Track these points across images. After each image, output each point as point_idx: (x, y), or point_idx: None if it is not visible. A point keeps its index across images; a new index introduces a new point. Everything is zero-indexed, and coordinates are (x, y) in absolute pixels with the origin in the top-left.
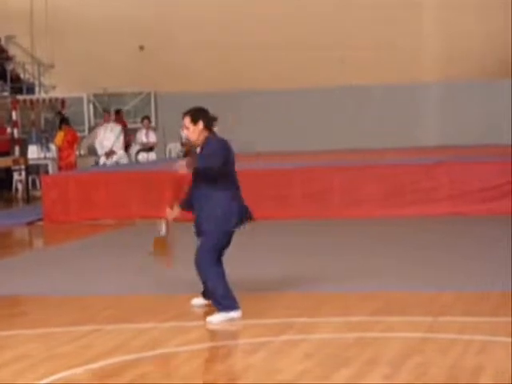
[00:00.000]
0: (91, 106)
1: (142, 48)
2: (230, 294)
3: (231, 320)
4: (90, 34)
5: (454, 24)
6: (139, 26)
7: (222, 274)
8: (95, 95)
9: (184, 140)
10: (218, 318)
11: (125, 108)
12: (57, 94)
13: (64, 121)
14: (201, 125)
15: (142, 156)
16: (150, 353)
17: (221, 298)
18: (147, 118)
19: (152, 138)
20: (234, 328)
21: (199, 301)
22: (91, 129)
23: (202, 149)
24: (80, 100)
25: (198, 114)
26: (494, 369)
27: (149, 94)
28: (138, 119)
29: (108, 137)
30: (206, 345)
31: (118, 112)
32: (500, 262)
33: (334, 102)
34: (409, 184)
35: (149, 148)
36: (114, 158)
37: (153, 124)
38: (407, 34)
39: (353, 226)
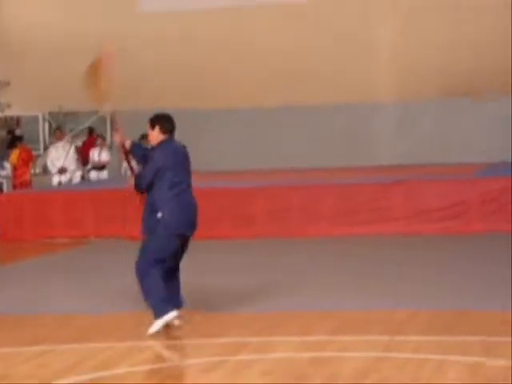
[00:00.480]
0: (46, 125)
1: None
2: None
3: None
4: (47, 52)
5: (410, 44)
6: (96, 44)
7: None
8: (50, 113)
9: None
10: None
11: (80, 127)
12: (12, 112)
13: (18, 139)
14: (157, 130)
15: (94, 174)
16: (105, 373)
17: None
18: (101, 136)
19: (104, 156)
20: (189, 348)
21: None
22: (46, 147)
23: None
24: (35, 118)
25: (154, 120)
26: None
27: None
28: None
29: (59, 156)
30: (161, 365)
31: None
32: (455, 281)
33: (293, 121)
34: (366, 202)
35: (101, 166)
36: (67, 175)
37: (108, 142)
38: (363, 52)
39: (311, 245)
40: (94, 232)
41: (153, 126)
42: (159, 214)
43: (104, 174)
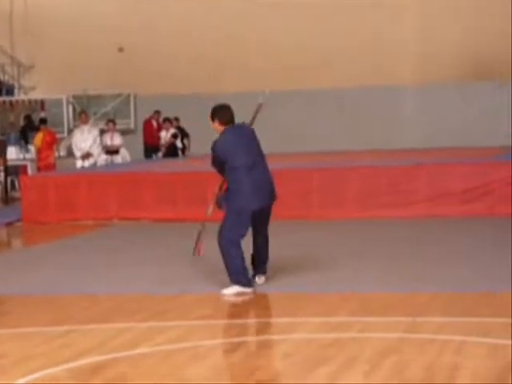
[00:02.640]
0: (70, 108)
1: (121, 50)
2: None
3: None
4: (70, 36)
5: (431, 28)
6: (119, 27)
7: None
8: (74, 97)
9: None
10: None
11: (103, 110)
12: (36, 95)
13: (42, 122)
14: (216, 122)
15: (106, 158)
16: (128, 352)
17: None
18: (112, 120)
19: (117, 140)
20: (213, 328)
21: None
22: (70, 130)
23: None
24: (59, 101)
25: (213, 113)
26: (471, 368)
27: (128, 96)
28: (118, 121)
29: (85, 139)
30: (185, 344)
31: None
32: (477, 264)
33: (313, 105)
34: (387, 186)
35: (114, 151)
36: (91, 160)
37: (132, 126)
38: (385, 37)
39: (332, 227)
40: (117, 215)
41: (213, 119)
42: (229, 195)
43: (117, 159)
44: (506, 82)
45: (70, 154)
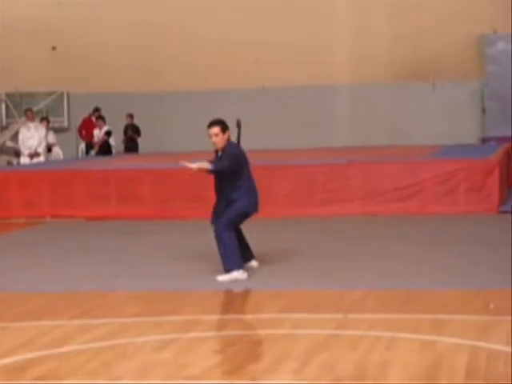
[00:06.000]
0: (3, 106)
1: (54, 48)
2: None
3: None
4: (4, 33)
5: (365, 26)
6: (53, 25)
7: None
8: (7, 94)
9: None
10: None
11: (36, 108)
12: None
13: None
14: (227, 134)
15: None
16: (57, 350)
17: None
18: (46, 118)
19: (51, 138)
20: (143, 325)
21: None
22: (3, 128)
23: (223, 152)
24: None
25: (225, 125)
26: (402, 364)
27: (61, 94)
28: (51, 119)
29: (31, 136)
30: (114, 342)
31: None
32: (408, 260)
33: (246, 103)
34: (321, 184)
35: (47, 149)
36: (41, 158)
37: (65, 124)
38: (319, 34)
39: (265, 225)
40: (49, 212)
41: (224, 131)
42: (239, 197)
43: (50, 157)
44: (440, 82)
45: (3, 151)
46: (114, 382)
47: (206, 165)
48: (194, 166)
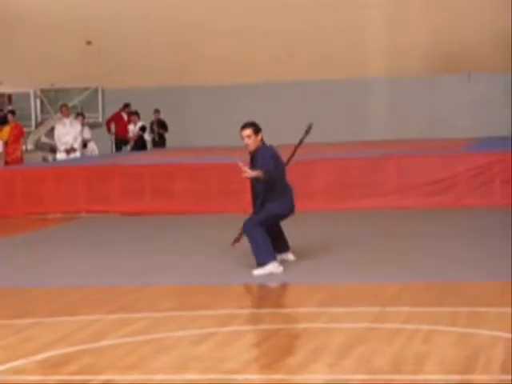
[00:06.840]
0: (38, 101)
1: (89, 43)
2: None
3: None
4: (38, 29)
5: (400, 19)
6: (87, 21)
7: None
8: (42, 90)
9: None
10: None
11: (71, 104)
12: (3, 89)
13: (11, 112)
14: (260, 136)
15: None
16: (94, 345)
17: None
18: (81, 114)
19: (86, 134)
20: (180, 319)
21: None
22: (38, 124)
23: (255, 154)
24: (26, 95)
25: (258, 127)
26: (438, 357)
27: (96, 90)
28: (86, 114)
29: (67, 132)
30: (151, 336)
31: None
32: (444, 254)
33: (281, 98)
34: (357, 177)
35: (83, 144)
36: (77, 153)
37: (100, 119)
38: (354, 28)
39: (303, 219)
40: (85, 208)
41: (256, 133)
42: (276, 199)
43: (87, 152)
44: (474, 74)
45: (39, 147)
46: (152, 377)
47: (260, 173)
48: (253, 174)
